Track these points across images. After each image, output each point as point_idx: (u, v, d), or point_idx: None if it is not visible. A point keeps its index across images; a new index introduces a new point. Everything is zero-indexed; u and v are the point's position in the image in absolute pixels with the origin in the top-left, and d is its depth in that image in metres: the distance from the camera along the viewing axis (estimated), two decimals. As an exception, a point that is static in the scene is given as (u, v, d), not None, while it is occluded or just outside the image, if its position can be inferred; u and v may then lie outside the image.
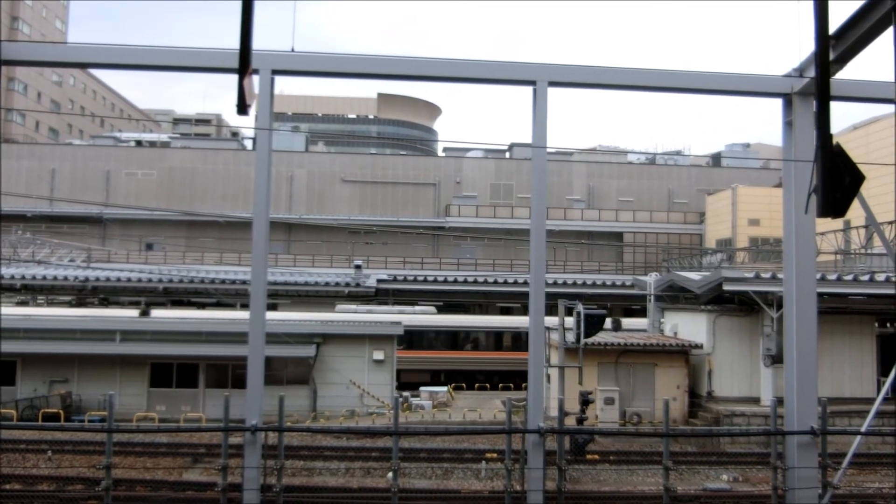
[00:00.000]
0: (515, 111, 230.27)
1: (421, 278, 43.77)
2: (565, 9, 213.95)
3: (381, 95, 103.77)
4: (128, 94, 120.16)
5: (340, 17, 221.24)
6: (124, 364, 26.77)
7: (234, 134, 79.31)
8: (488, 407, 27.72)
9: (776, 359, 23.58)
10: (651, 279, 32.41)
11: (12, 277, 38.77)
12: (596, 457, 20.03)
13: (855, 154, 7.77)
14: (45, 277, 39.04)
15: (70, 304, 38.53)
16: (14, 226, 47.74)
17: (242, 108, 7.28)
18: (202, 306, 40.32)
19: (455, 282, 42.98)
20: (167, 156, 58.29)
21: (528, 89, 9.85)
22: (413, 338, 34.89)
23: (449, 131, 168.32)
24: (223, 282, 39.45)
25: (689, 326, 28.17)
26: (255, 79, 8.96)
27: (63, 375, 26.59)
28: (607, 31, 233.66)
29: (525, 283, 39.11)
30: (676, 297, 30.80)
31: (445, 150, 69.60)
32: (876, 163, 31.15)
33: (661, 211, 58.75)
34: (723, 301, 26.60)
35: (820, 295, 10.68)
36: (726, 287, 24.15)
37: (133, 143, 62.21)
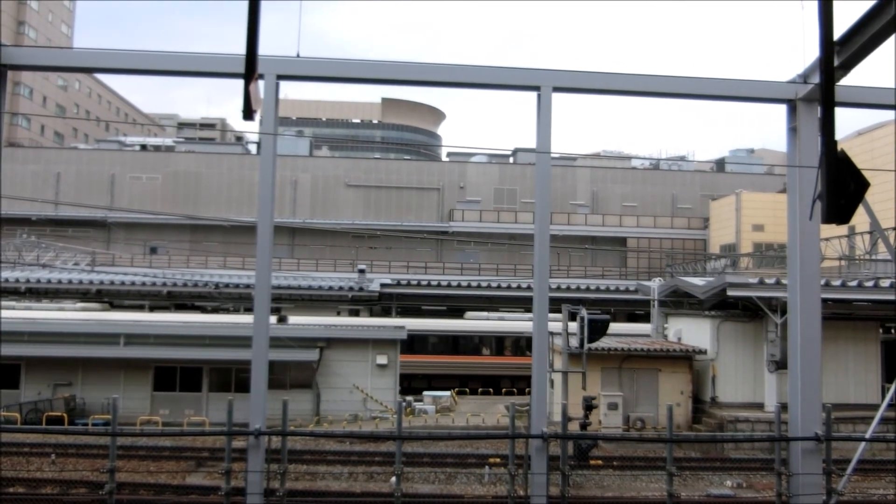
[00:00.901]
0: (519, 116, 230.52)
1: (424, 283, 43.78)
2: (570, 14, 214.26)
3: (385, 100, 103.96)
4: (133, 99, 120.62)
5: (346, 24, 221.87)
6: (128, 368, 26.80)
7: (239, 138, 79.48)
8: (492, 412, 27.69)
9: (780, 364, 23.53)
10: (655, 284, 32.38)
11: (17, 281, 38.89)
12: (599, 462, 20.00)
13: (859, 160, 7.76)
14: (49, 281, 39.15)
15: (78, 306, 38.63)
16: (19, 229, 47.92)
17: (248, 113, 7.32)
18: (206, 310, 40.43)
19: (459, 286, 42.98)
20: (172, 160, 58.46)
21: (533, 95, 9.87)
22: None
23: (453, 136, 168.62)
24: (227, 286, 39.51)
25: (692, 332, 28.12)
26: (261, 84, 9.00)
27: (67, 379, 26.63)
28: (612, 37, 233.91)
29: (529, 288, 39.10)
30: (680, 302, 30.77)
31: (449, 154, 69.60)
32: (881, 169, 31.11)
33: (665, 216, 58.71)
34: (727, 306, 26.55)
35: (824, 301, 10.68)
36: (730, 292, 24.12)
37: (138, 148, 62.41)
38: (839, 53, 8.25)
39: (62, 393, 26.25)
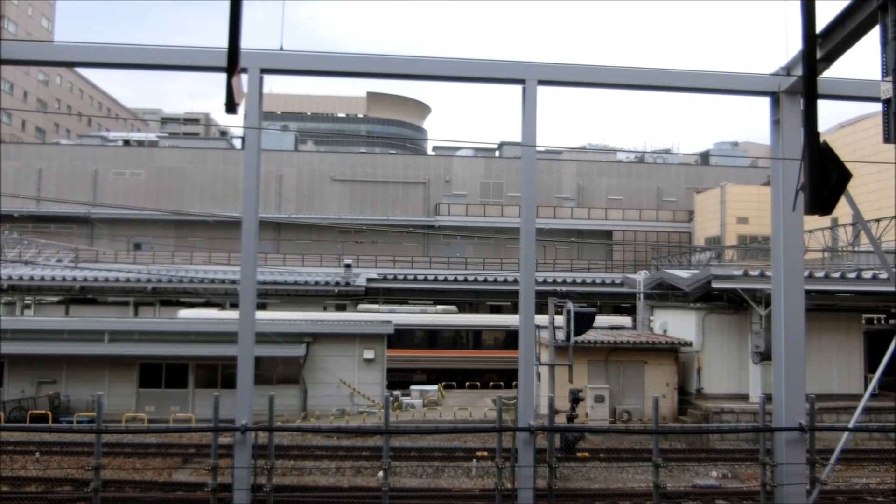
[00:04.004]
0: (505, 110, 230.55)
1: (411, 277, 43.74)
2: (555, 8, 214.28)
3: (370, 94, 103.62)
4: (115, 93, 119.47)
5: (332, 20, 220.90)
6: (113, 364, 26.60)
7: (223, 133, 78.99)
8: (479, 405, 27.74)
9: (765, 356, 23.70)
10: (640, 277, 32.53)
11: (-1, 278, 38.45)
12: (586, 454, 20.09)
13: (842, 152, 7.82)
14: (32, 278, 38.75)
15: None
16: (0, 226, 47.36)
17: (231, 107, 7.28)
18: (191, 306, 40.17)
19: (445, 281, 42.99)
20: (155, 155, 57.98)
21: (518, 88, 9.87)
22: None
23: (438, 130, 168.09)
24: (212, 281, 39.29)
25: (678, 324, 28.28)
26: (244, 78, 8.94)
27: (51, 376, 26.40)
28: (596, 31, 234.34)
29: (515, 282, 39.14)
30: (666, 294, 30.92)
31: (435, 148, 69.59)
32: (863, 160, 31.38)
33: (651, 209, 58.96)
34: (712, 299, 26.72)
35: (808, 292, 10.76)
36: (715, 285, 24.27)
37: (121, 143, 61.85)
38: (821, 46, 8.31)
39: (46, 390, 26.01)
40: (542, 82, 9.77)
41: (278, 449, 17.64)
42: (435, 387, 30.70)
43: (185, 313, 33.98)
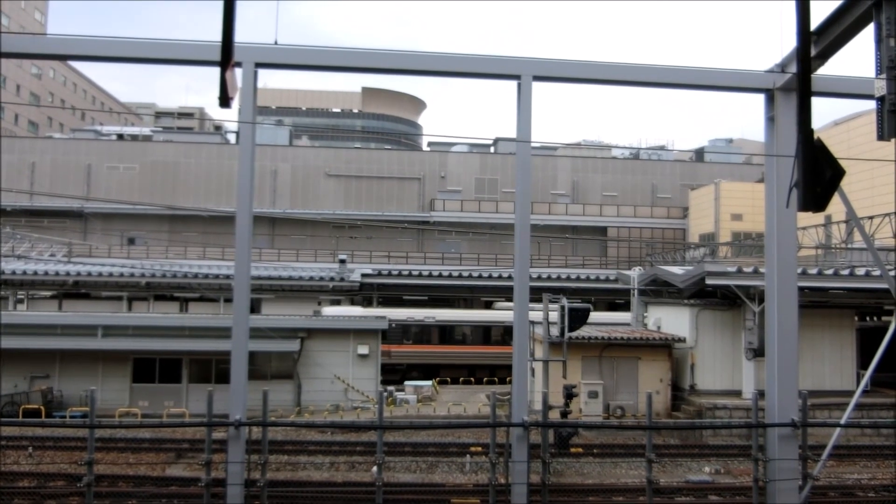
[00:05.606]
0: (500, 106, 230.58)
1: (406, 273, 43.73)
2: (551, 4, 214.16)
3: (365, 89, 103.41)
4: (109, 88, 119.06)
5: (328, 15, 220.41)
6: (106, 359, 26.52)
7: (218, 128, 78.71)
8: (473, 401, 27.77)
9: (758, 352, 23.79)
10: (635, 273, 32.55)
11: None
12: (580, 450, 20.13)
13: (836, 150, 7.85)
14: (25, 272, 38.60)
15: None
16: (-7, 220, 47.15)
17: (225, 101, 7.27)
18: (185, 301, 40.09)
19: (440, 276, 42.98)
20: (149, 149, 57.79)
21: (513, 84, 9.87)
22: None
23: (434, 125, 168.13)
24: (206, 276, 39.19)
25: (672, 320, 28.34)
26: (239, 72, 8.91)
27: (44, 371, 26.31)
28: (592, 27, 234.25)
29: (510, 278, 39.13)
30: (660, 291, 30.98)
31: (430, 144, 69.51)
32: (857, 157, 31.48)
33: (645, 206, 59.07)
34: (706, 295, 26.78)
35: (801, 289, 10.80)
36: (709, 281, 24.33)
37: (114, 137, 61.57)
38: (816, 43, 8.32)
39: (39, 385, 25.94)
40: (537, 78, 9.77)
41: (272, 444, 17.67)
42: (429, 382, 30.72)
43: (329, 311, 34.11)
